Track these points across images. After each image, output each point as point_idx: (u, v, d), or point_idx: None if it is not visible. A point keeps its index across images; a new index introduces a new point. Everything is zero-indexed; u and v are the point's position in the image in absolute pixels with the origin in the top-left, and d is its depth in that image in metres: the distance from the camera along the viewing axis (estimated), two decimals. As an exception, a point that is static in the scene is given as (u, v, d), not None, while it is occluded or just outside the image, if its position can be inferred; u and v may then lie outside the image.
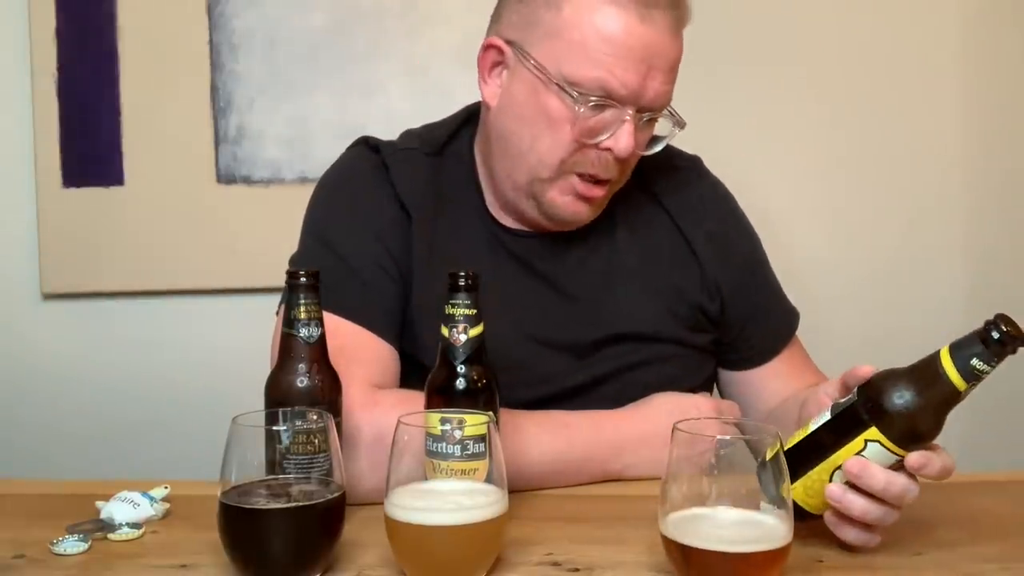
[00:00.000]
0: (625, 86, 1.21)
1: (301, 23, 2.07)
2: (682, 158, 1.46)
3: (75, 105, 2.06)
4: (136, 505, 1.10)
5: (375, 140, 1.40)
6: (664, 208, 1.41)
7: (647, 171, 1.38)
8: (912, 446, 0.95)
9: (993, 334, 0.92)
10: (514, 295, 1.32)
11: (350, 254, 1.29)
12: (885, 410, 0.95)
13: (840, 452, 0.96)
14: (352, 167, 1.39)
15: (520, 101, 1.27)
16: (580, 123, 1.23)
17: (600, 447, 1.24)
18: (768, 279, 1.48)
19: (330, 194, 1.38)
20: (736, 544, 0.86)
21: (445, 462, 0.94)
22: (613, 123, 1.23)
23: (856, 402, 0.97)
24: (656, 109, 1.26)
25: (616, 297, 1.35)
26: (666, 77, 1.24)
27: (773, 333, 1.46)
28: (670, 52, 1.24)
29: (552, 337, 1.33)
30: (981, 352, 0.93)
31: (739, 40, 2.07)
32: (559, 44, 1.23)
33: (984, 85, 2.10)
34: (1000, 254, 2.13)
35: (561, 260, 1.36)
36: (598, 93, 1.21)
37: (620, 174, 1.29)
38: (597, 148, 1.24)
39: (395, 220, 1.31)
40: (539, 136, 1.26)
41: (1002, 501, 1.19)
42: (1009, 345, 0.92)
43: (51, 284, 2.10)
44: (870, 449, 0.95)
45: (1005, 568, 0.96)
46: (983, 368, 0.93)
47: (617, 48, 1.20)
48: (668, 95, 1.26)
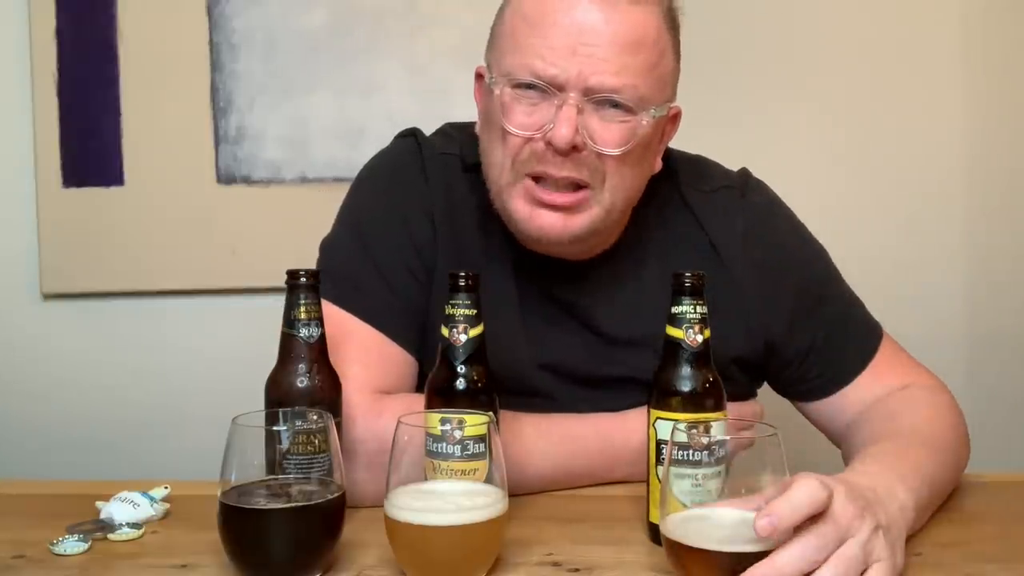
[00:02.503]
0: (553, 66, 1.12)
1: (301, 23, 2.07)
2: (726, 176, 1.35)
3: (75, 105, 2.06)
4: (136, 505, 1.10)
5: (422, 136, 1.34)
6: (707, 235, 1.29)
7: (688, 192, 1.31)
8: (689, 406, 0.99)
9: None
10: (533, 321, 1.27)
11: (382, 254, 1.25)
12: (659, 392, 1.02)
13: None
14: (397, 162, 1.33)
15: (485, 116, 1.23)
16: (519, 117, 1.15)
17: (605, 457, 1.22)
18: (835, 303, 1.33)
19: (372, 187, 1.33)
20: (735, 544, 0.86)
21: (445, 462, 0.94)
22: (554, 112, 1.13)
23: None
24: (608, 90, 1.13)
25: (639, 337, 1.24)
26: (609, 52, 1.12)
27: (844, 360, 1.30)
28: (613, 26, 1.12)
29: (568, 368, 1.27)
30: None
31: (738, 38, 2.07)
32: (499, 44, 1.20)
33: (984, 85, 2.10)
34: (1000, 254, 2.13)
35: (582, 289, 1.27)
36: (527, 79, 1.14)
37: (591, 174, 1.16)
38: (544, 143, 1.15)
39: (428, 229, 1.27)
40: (493, 140, 1.20)
41: (1002, 501, 1.19)
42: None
43: (51, 284, 2.10)
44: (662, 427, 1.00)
45: (1005, 568, 0.96)
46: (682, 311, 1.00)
47: (539, 28, 1.14)
48: (623, 75, 1.13)
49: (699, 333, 1.01)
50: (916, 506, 1.00)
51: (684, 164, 1.34)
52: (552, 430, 1.22)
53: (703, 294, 1.01)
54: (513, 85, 1.16)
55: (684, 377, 1.00)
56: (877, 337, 1.32)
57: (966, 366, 2.06)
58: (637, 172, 1.21)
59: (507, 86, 1.16)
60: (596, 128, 1.15)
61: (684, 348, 1.00)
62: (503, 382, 1.08)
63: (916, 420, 1.19)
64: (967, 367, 2.06)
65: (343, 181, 1.98)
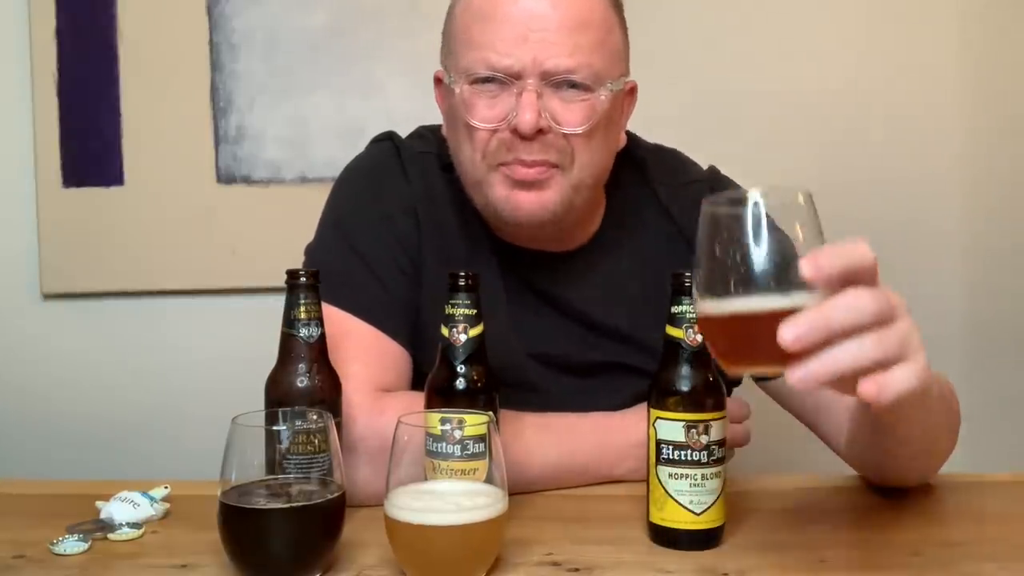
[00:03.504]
0: (508, 56, 1.16)
1: (301, 23, 2.07)
2: (696, 171, 1.40)
3: (75, 105, 2.06)
4: (136, 505, 1.10)
5: (399, 139, 1.37)
6: (678, 228, 1.33)
7: (659, 186, 1.35)
8: (689, 406, 0.99)
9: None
10: (519, 313, 1.30)
11: (370, 252, 1.27)
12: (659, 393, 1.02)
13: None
14: (376, 164, 1.36)
15: (450, 117, 1.26)
16: (481, 111, 1.19)
17: (605, 454, 1.22)
18: None
19: (352, 189, 1.35)
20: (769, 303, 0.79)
21: (445, 462, 0.95)
22: (516, 101, 1.17)
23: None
24: (564, 71, 1.17)
25: (616, 322, 1.31)
26: (560, 35, 1.16)
27: None
28: (560, 9, 1.16)
29: (555, 356, 1.30)
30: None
31: (740, 36, 2.07)
32: (453, 45, 1.23)
33: (985, 84, 2.10)
34: (1000, 254, 2.13)
35: (560, 278, 1.32)
36: (484, 72, 1.18)
37: (560, 155, 1.19)
38: (510, 132, 1.18)
39: (412, 226, 1.29)
40: (462, 140, 1.23)
41: (1002, 501, 1.19)
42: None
43: (51, 284, 2.10)
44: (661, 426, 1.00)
45: (1005, 568, 0.96)
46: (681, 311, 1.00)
47: (490, 23, 1.17)
48: (576, 54, 1.16)
49: (699, 333, 1.01)
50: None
51: (654, 157, 1.39)
52: (552, 428, 1.22)
53: None
54: (471, 81, 1.19)
55: (684, 377, 1.00)
56: None
57: (966, 366, 2.06)
58: (603, 146, 1.25)
59: (466, 83, 1.19)
60: (558, 109, 1.18)
61: (684, 348, 1.01)
62: (497, 374, 1.09)
63: None
64: (966, 367, 2.06)
65: (343, 181, 2.01)
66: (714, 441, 0.99)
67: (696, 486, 0.99)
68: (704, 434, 0.98)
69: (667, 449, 1.00)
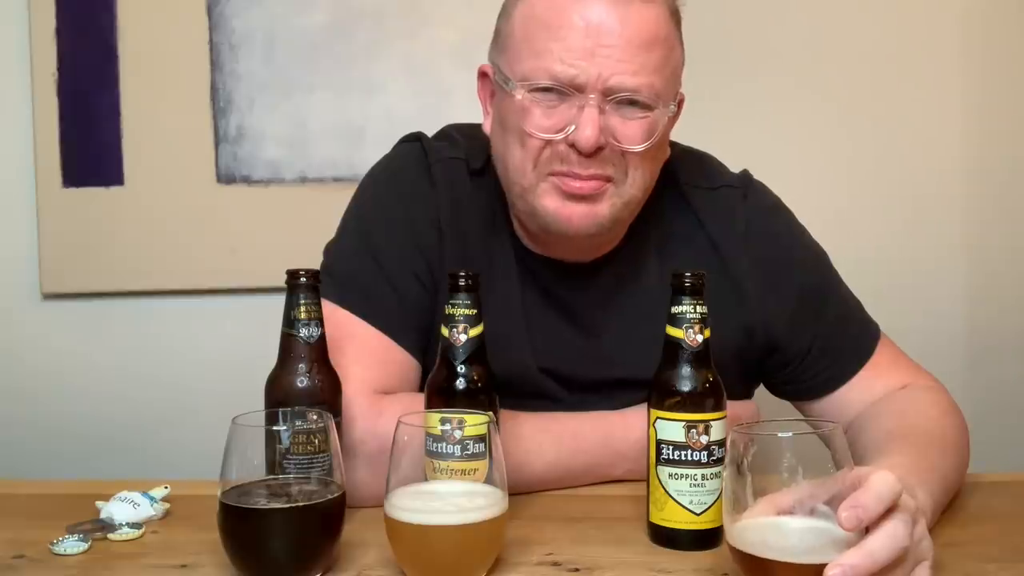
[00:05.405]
0: (573, 67, 1.13)
1: (301, 23, 2.07)
2: (727, 176, 1.36)
3: (75, 105, 2.06)
4: (136, 505, 1.10)
5: (427, 141, 1.34)
6: (707, 233, 1.30)
7: (689, 190, 1.31)
8: (689, 406, 1.00)
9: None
10: (536, 324, 1.27)
11: (388, 258, 1.26)
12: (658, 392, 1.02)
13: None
14: (402, 167, 1.33)
15: (499, 118, 1.23)
16: (538, 119, 1.16)
17: (607, 453, 1.22)
18: (836, 304, 1.33)
19: (377, 191, 1.33)
20: (813, 554, 0.82)
21: (445, 462, 0.94)
22: (576, 114, 1.15)
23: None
24: (628, 90, 1.15)
25: (637, 339, 1.22)
26: (627, 53, 1.14)
27: (842, 360, 1.30)
28: (628, 25, 1.13)
29: (566, 372, 1.28)
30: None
31: (741, 40, 2.07)
32: (513, 47, 1.19)
33: (985, 85, 2.10)
34: (1000, 254, 2.13)
35: (584, 291, 1.28)
36: (546, 82, 1.15)
37: (615, 170, 1.18)
38: (566, 144, 1.16)
39: (434, 235, 1.27)
40: (512, 144, 1.20)
41: (1002, 501, 1.19)
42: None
43: (51, 284, 2.10)
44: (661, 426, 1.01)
45: (1005, 568, 0.96)
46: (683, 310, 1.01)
47: (555, 31, 1.14)
48: (641, 74, 1.14)
49: (699, 333, 1.01)
50: (932, 507, 1.01)
51: (684, 161, 1.34)
52: (551, 428, 1.22)
53: (703, 294, 1.01)
54: (531, 89, 1.16)
55: (684, 377, 1.00)
56: (874, 337, 1.33)
57: (966, 366, 2.06)
58: (655, 161, 1.23)
59: (526, 91, 1.16)
60: (618, 127, 1.16)
61: (684, 348, 1.01)
62: (505, 384, 1.08)
63: (924, 420, 1.19)
64: (967, 367, 2.06)
65: (343, 181, 2.01)
66: (714, 441, 0.99)
67: (696, 486, 0.99)
68: (704, 434, 0.98)
69: (667, 449, 1.00)
